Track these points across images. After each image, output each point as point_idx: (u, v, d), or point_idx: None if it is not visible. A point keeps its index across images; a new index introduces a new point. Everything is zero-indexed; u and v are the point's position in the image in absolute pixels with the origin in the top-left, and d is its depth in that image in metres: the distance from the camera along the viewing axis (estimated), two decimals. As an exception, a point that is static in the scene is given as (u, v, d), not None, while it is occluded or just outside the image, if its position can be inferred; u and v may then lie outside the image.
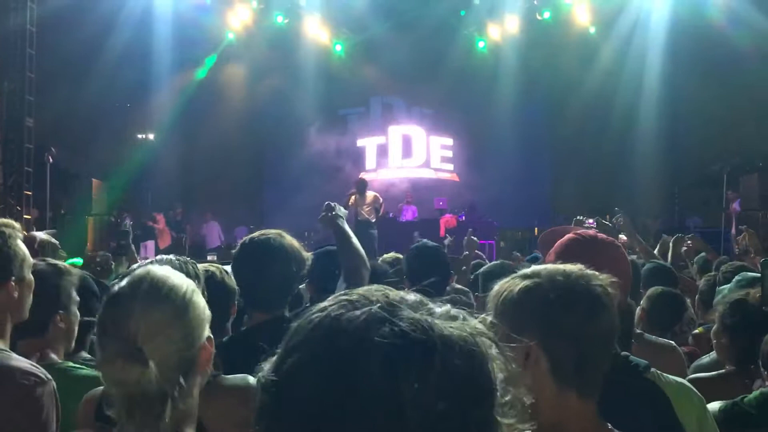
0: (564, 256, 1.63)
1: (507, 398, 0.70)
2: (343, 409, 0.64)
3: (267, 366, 0.72)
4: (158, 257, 1.83)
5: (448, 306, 0.74)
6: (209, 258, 10.61)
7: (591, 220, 4.90)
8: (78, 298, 2.14)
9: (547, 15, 15.72)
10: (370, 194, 12.25)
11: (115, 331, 1.20)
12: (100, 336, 1.23)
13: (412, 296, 0.73)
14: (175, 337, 1.23)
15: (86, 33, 12.36)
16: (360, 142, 17.33)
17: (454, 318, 0.72)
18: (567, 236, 1.78)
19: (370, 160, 16.97)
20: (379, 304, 0.69)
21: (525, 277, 1.28)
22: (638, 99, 14.58)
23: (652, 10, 14.34)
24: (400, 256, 3.75)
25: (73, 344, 2.15)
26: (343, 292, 0.74)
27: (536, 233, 13.23)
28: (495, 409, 0.69)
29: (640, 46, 14.50)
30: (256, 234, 2.23)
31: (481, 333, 0.72)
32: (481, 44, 16.82)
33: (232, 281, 2.23)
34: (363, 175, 16.59)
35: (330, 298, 0.74)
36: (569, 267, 1.29)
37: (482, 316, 0.77)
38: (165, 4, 14.57)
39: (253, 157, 16.98)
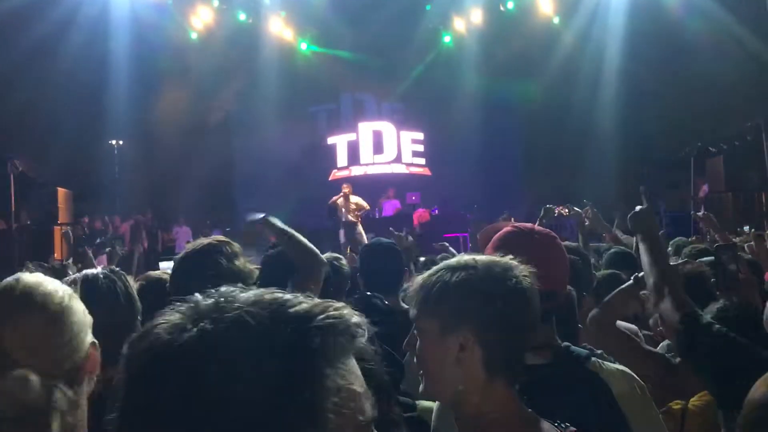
0: (502, 247, 1.65)
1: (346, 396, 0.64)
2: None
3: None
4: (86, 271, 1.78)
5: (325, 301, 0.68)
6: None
7: (561, 207, 4.91)
8: None
9: (510, 5, 15.79)
10: (355, 199, 12.51)
11: None
12: None
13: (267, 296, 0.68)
14: (53, 344, 1.18)
15: (42, 36, 12.07)
16: (330, 140, 17.24)
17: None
18: (505, 228, 1.78)
19: (341, 158, 16.88)
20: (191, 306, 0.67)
21: (459, 268, 1.27)
22: (601, 87, 14.74)
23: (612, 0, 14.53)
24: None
25: None
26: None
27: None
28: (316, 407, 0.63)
29: (602, 35, 14.65)
30: (195, 244, 2.16)
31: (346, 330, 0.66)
32: (447, 38, 16.87)
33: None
34: (335, 173, 16.60)
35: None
36: (502, 259, 1.30)
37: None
38: (123, 6, 14.27)
39: (222, 159, 16.81)
